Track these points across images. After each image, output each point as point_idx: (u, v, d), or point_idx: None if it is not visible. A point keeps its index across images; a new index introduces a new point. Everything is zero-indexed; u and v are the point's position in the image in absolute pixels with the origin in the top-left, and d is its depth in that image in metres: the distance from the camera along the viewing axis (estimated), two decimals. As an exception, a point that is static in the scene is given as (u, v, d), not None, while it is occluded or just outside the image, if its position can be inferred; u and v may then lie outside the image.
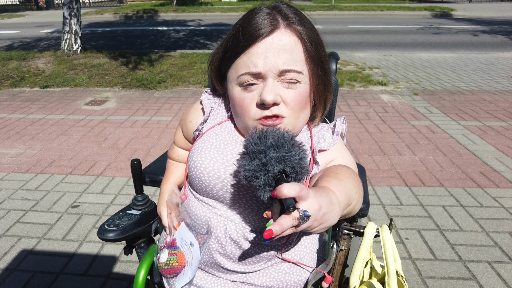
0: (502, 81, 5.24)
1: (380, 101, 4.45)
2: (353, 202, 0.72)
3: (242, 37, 0.76)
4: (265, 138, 0.64)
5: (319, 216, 0.58)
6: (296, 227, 0.57)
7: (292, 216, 0.56)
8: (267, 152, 0.62)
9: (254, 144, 0.64)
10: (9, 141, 3.42)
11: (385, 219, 2.26)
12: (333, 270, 0.80)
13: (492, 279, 1.79)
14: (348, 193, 0.70)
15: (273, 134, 0.65)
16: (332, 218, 0.62)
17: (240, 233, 0.82)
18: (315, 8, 13.88)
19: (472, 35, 9.21)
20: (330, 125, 0.90)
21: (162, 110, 4.22)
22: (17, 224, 2.23)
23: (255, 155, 0.63)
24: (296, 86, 0.77)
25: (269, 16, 0.76)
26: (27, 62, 6.30)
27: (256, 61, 0.75)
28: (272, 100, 0.74)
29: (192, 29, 10.41)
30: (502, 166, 2.87)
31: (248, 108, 0.78)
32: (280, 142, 0.63)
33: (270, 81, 0.75)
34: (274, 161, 0.61)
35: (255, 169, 0.62)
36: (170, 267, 0.88)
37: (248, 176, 0.63)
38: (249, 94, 0.78)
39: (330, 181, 0.70)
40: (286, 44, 0.75)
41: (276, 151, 0.62)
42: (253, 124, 0.79)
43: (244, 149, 0.66)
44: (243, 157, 0.66)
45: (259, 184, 0.62)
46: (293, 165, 0.61)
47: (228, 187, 0.80)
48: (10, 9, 17.55)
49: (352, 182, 0.73)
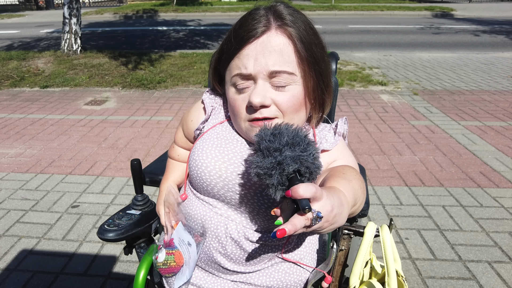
0: (502, 81, 5.24)
1: (380, 101, 4.45)
2: (358, 203, 0.72)
3: (234, 40, 0.77)
4: (279, 135, 0.62)
5: (331, 217, 0.58)
6: (307, 227, 0.57)
7: (306, 216, 0.55)
8: (282, 150, 0.60)
9: (268, 141, 0.62)
10: (9, 141, 3.42)
11: (385, 219, 2.26)
12: (333, 270, 0.80)
13: (492, 279, 1.79)
14: (355, 194, 0.70)
15: (288, 131, 0.63)
16: (341, 219, 0.61)
17: (241, 233, 0.82)
18: (315, 8, 13.88)
19: (472, 35, 9.21)
20: (332, 126, 0.90)
21: (162, 110, 4.22)
22: (17, 224, 2.23)
23: (269, 153, 0.61)
24: (288, 88, 0.76)
25: (262, 18, 0.76)
26: (27, 62, 6.30)
27: (246, 63, 0.75)
28: (259, 103, 0.74)
29: (192, 29, 10.41)
30: (502, 166, 2.87)
31: (239, 109, 0.79)
32: (296, 140, 0.61)
33: (260, 83, 0.75)
34: (289, 160, 0.59)
35: (268, 167, 0.60)
36: (168, 267, 0.88)
37: (260, 174, 0.60)
38: (241, 95, 0.79)
39: (339, 181, 0.69)
40: (276, 46, 0.74)
41: (292, 149, 0.60)
42: (245, 125, 0.80)
43: (257, 145, 0.63)
44: (254, 153, 0.64)
45: (272, 182, 0.60)
46: (308, 165, 0.60)
47: (229, 186, 0.80)
48: (10, 9, 17.55)
49: (358, 183, 0.73)
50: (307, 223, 0.55)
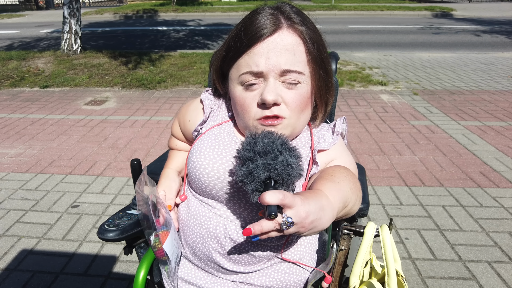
0: (502, 81, 5.24)
1: (380, 101, 4.45)
2: (350, 204, 0.72)
3: (245, 37, 0.76)
4: (254, 144, 0.66)
5: (306, 223, 0.60)
6: (279, 231, 0.60)
7: (275, 221, 0.59)
8: (254, 159, 0.64)
9: (244, 150, 0.66)
10: (9, 141, 3.42)
11: (385, 219, 2.26)
12: (333, 270, 0.80)
13: (492, 279, 1.79)
14: (343, 195, 0.70)
15: (263, 140, 0.66)
16: (322, 224, 0.63)
17: (240, 233, 0.82)
18: (315, 8, 13.87)
19: (472, 35, 9.21)
20: (330, 125, 0.90)
21: (162, 110, 4.22)
22: (17, 224, 2.23)
23: (244, 161, 0.65)
24: (297, 87, 0.77)
25: (271, 16, 0.77)
26: (27, 62, 6.30)
27: (258, 61, 0.75)
28: (273, 100, 0.74)
29: (192, 29, 10.41)
30: (502, 166, 2.87)
31: (249, 107, 0.78)
32: (267, 149, 0.65)
33: (271, 81, 0.75)
34: (259, 169, 0.63)
35: (243, 175, 0.64)
36: (157, 249, 0.87)
37: (238, 181, 0.65)
38: (250, 93, 0.78)
39: (325, 184, 0.70)
40: (288, 44, 0.75)
41: (263, 158, 0.64)
42: (254, 124, 0.79)
43: (237, 153, 0.68)
44: (236, 161, 0.68)
45: (247, 189, 0.64)
46: (279, 172, 0.63)
47: (228, 187, 0.80)
48: (10, 9, 17.55)
49: (349, 184, 0.73)
50: (277, 227, 0.59)
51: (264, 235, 0.61)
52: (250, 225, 0.59)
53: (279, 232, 0.60)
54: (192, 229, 0.88)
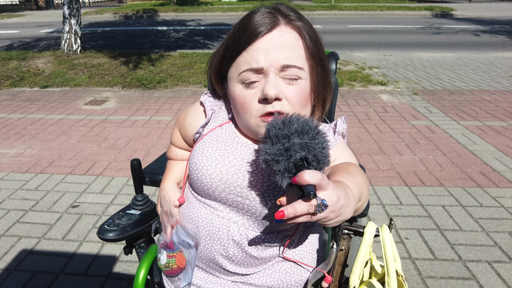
0: (502, 81, 5.24)
1: (380, 101, 4.45)
2: (363, 198, 0.72)
3: (243, 35, 0.77)
4: (289, 124, 0.63)
5: (337, 207, 0.58)
6: (312, 215, 0.56)
7: (310, 203, 0.55)
8: (290, 137, 0.61)
9: (278, 129, 0.63)
10: (9, 141, 3.42)
11: (385, 219, 2.26)
12: (333, 270, 0.80)
13: (491, 279, 1.79)
14: (360, 188, 0.70)
15: (298, 120, 0.63)
16: (348, 212, 0.61)
17: (243, 235, 0.82)
18: (315, 8, 13.88)
19: (472, 35, 9.21)
20: (331, 125, 0.90)
21: (162, 110, 4.22)
22: (17, 224, 2.23)
23: (277, 140, 0.62)
24: (298, 83, 0.77)
25: (269, 14, 0.78)
26: (27, 62, 6.30)
27: (257, 57, 0.75)
28: (274, 95, 0.74)
29: (192, 29, 10.41)
30: (502, 166, 2.87)
31: (250, 105, 0.78)
32: (305, 129, 0.62)
33: (272, 77, 0.75)
34: (297, 147, 0.60)
35: (276, 153, 0.60)
36: (171, 269, 0.87)
37: (268, 160, 0.61)
38: (251, 91, 0.78)
39: (343, 176, 0.70)
40: (287, 40, 0.75)
41: (300, 137, 0.61)
42: (255, 121, 0.79)
43: (266, 133, 0.64)
44: (264, 141, 0.65)
45: (279, 169, 0.60)
46: (315, 153, 0.60)
47: (230, 188, 0.80)
48: (10, 9, 17.54)
49: (363, 179, 0.74)
50: (311, 209, 0.55)
51: (292, 220, 0.57)
52: (283, 207, 0.55)
53: (310, 216, 0.56)
54: (194, 231, 0.87)
